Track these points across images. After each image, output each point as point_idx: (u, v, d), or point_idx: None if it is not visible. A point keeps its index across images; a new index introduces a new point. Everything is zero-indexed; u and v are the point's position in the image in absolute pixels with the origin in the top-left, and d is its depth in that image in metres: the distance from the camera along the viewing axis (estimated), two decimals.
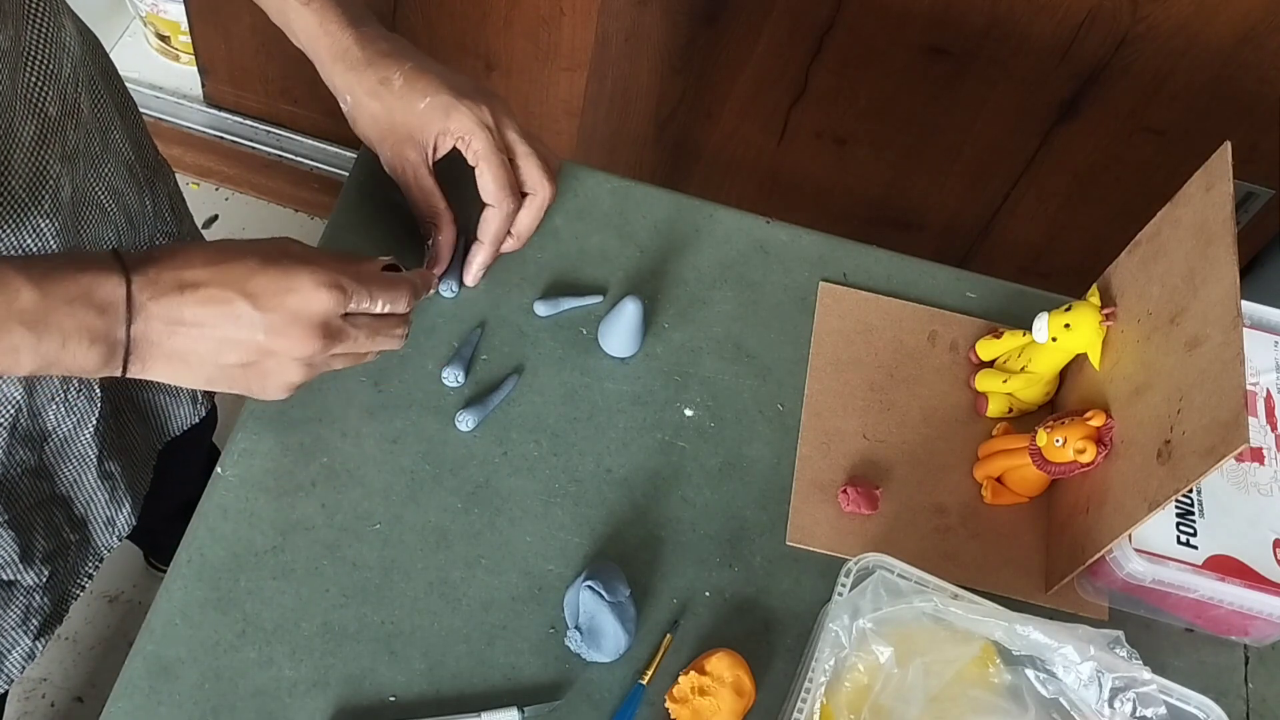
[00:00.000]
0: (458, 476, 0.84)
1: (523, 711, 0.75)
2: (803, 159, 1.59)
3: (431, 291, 0.81)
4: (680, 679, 0.76)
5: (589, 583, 0.77)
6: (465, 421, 0.85)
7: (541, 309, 0.90)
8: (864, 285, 0.98)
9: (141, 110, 0.96)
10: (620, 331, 0.89)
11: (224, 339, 0.68)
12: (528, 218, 0.87)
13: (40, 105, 0.73)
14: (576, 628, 0.78)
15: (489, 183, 0.83)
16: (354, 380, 0.86)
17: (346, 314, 0.72)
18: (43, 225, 0.74)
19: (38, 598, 0.89)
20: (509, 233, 0.87)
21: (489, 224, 0.85)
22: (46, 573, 0.88)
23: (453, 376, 0.87)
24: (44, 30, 0.74)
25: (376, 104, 0.83)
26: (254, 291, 0.67)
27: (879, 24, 1.38)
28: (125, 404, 0.93)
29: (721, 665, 0.76)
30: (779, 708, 0.78)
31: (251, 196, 1.98)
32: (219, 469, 0.82)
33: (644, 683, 0.78)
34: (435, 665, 0.77)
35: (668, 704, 0.76)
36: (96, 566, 0.95)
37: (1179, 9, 1.28)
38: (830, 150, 1.57)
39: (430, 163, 0.85)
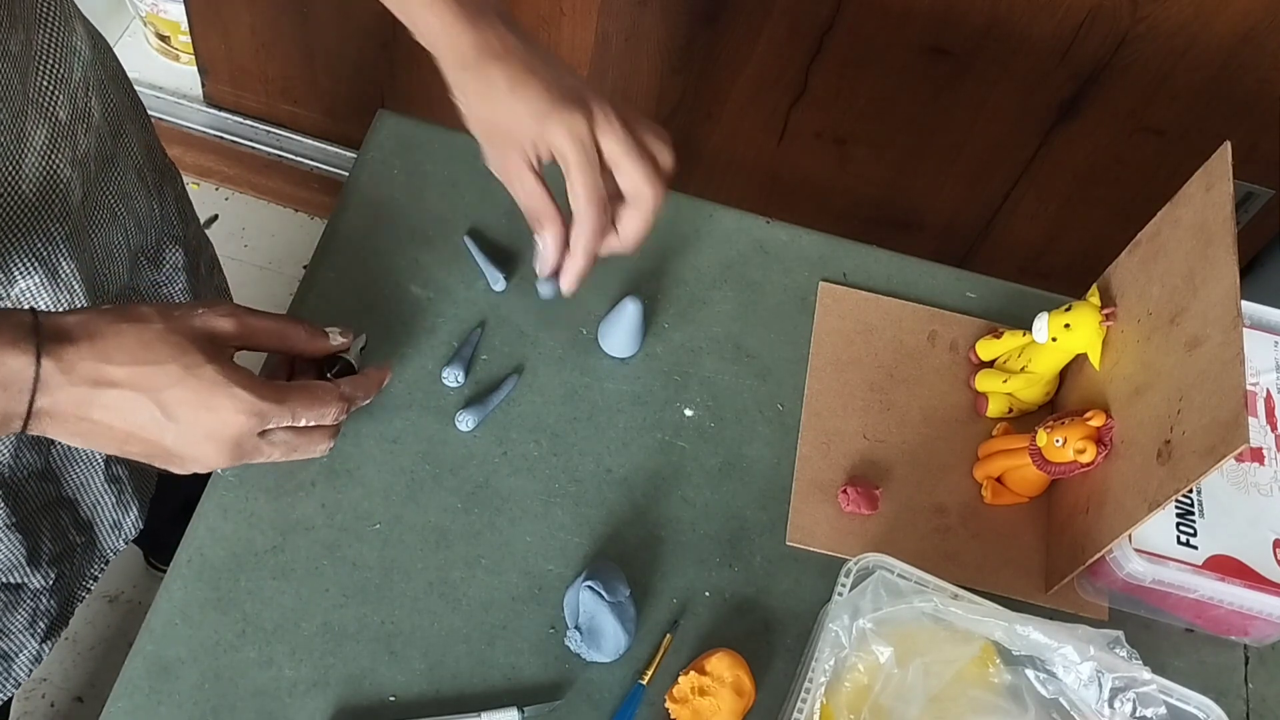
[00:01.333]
0: (457, 476, 0.84)
1: (523, 711, 0.75)
2: (803, 159, 1.59)
3: (368, 400, 0.77)
4: (680, 679, 0.76)
5: (589, 583, 0.77)
6: (465, 421, 0.85)
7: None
8: (864, 285, 0.98)
9: None
10: (620, 331, 0.89)
11: (130, 435, 0.66)
12: (632, 223, 0.82)
13: (51, 110, 0.73)
14: (576, 628, 0.78)
15: (574, 196, 0.80)
16: None
17: (264, 431, 0.70)
18: (53, 229, 0.74)
19: (44, 600, 0.89)
20: (618, 237, 0.83)
21: (577, 235, 0.81)
22: (53, 575, 0.88)
23: (453, 376, 0.87)
24: (55, 35, 0.73)
25: (484, 107, 0.80)
26: (168, 402, 0.66)
27: (879, 24, 1.38)
28: None
29: (721, 665, 0.76)
30: (779, 708, 0.78)
31: (251, 196, 1.98)
32: (219, 469, 0.82)
33: (644, 683, 0.78)
34: (435, 665, 0.77)
35: (668, 704, 0.76)
36: (102, 569, 0.95)
37: (1179, 9, 1.28)
38: (830, 150, 1.57)
39: (534, 166, 0.81)
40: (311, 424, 0.72)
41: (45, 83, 0.72)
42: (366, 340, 0.84)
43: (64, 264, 0.76)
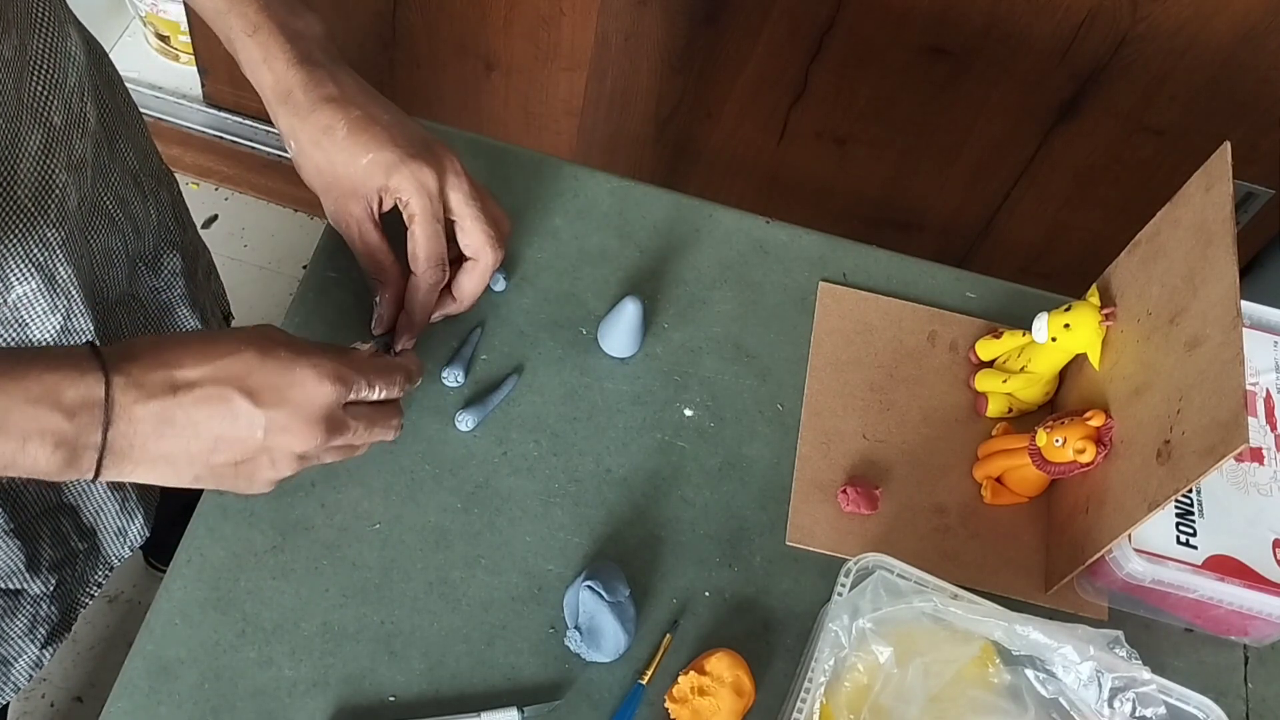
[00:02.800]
0: (457, 476, 0.84)
1: (522, 711, 0.75)
2: (803, 159, 1.59)
3: (417, 383, 0.78)
4: (680, 679, 0.76)
5: (588, 583, 0.77)
6: (465, 421, 0.85)
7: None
8: (864, 285, 0.98)
9: (141, 110, 0.96)
10: (620, 331, 0.89)
11: (219, 438, 0.64)
12: (470, 283, 0.84)
13: (46, 115, 0.72)
14: (576, 628, 0.78)
15: (416, 251, 0.80)
16: None
17: (346, 404, 0.70)
18: (49, 235, 0.73)
19: (45, 606, 0.88)
20: (453, 297, 0.85)
21: (413, 293, 0.82)
22: (54, 581, 0.87)
23: (453, 376, 0.87)
24: (49, 39, 0.73)
25: (319, 154, 0.79)
26: (254, 388, 0.64)
27: (879, 24, 1.38)
28: None
29: (721, 665, 0.76)
30: (779, 708, 0.78)
31: (251, 196, 1.98)
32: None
33: (644, 683, 0.78)
34: (435, 665, 0.77)
35: (667, 704, 0.76)
36: (106, 575, 0.95)
37: (1179, 9, 1.28)
38: (830, 150, 1.57)
39: (375, 217, 0.81)
40: (384, 395, 0.73)
41: (40, 88, 0.72)
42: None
43: (61, 269, 0.75)
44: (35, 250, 0.72)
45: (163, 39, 1.90)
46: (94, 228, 0.80)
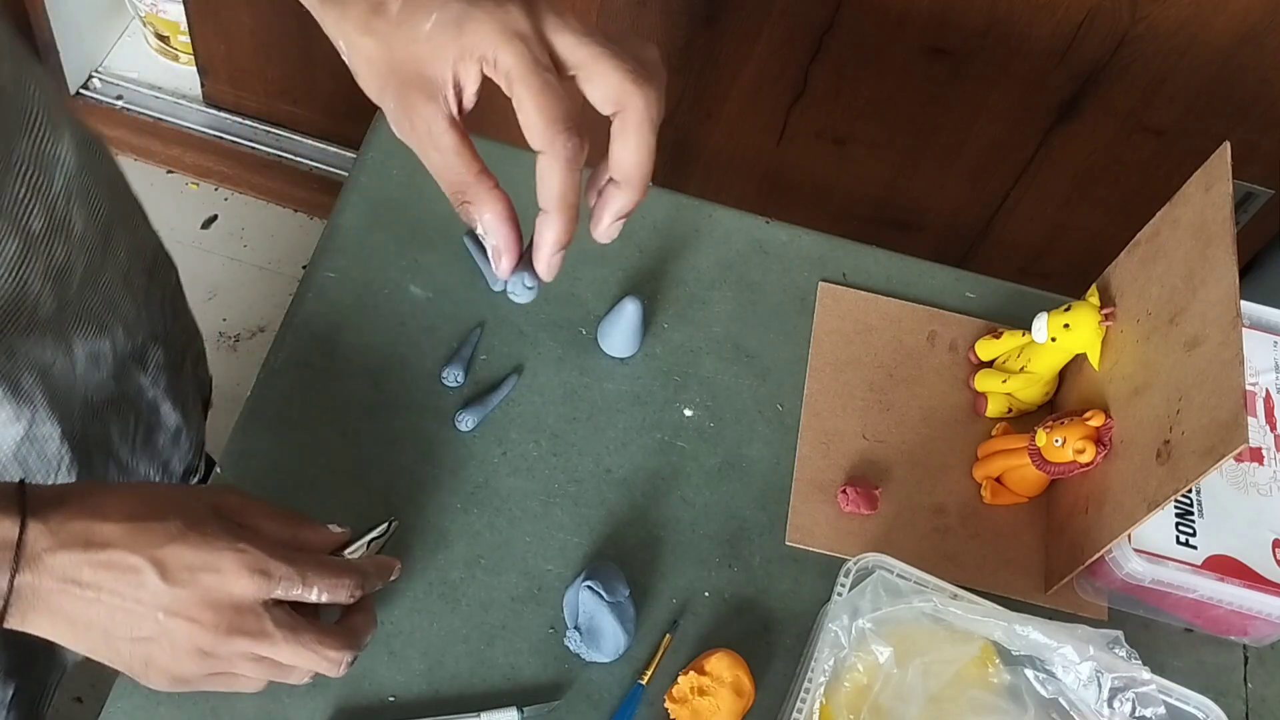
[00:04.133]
0: (457, 476, 0.84)
1: (522, 712, 0.75)
2: (802, 159, 1.59)
3: (393, 577, 0.70)
4: (680, 679, 0.76)
5: (588, 583, 0.77)
6: (465, 421, 0.85)
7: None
8: (863, 285, 0.98)
9: (141, 110, 0.95)
10: (620, 331, 0.89)
11: (118, 609, 0.59)
12: (627, 149, 0.59)
13: (25, 221, 0.67)
14: (576, 628, 0.78)
15: (531, 116, 0.56)
16: (354, 380, 0.86)
17: (274, 603, 0.62)
18: (15, 344, 0.69)
19: (3, 716, 0.84)
20: (611, 179, 0.62)
21: (545, 181, 0.59)
22: (11, 688, 0.83)
23: (453, 376, 0.87)
24: (38, 143, 0.68)
25: (371, 41, 0.57)
26: (165, 560, 0.59)
27: (879, 24, 1.38)
28: None
29: (721, 665, 0.76)
30: (778, 708, 0.78)
31: (251, 197, 1.98)
32: (219, 469, 0.82)
33: (643, 683, 0.78)
34: (434, 665, 0.77)
35: (667, 704, 0.76)
36: (63, 674, 0.90)
37: (1179, 9, 1.28)
38: (830, 150, 1.57)
39: (455, 112, 0.58)
40: (324, 598, 0.64)
41: (21, 192, 0.66)
42: (395, 526, 0.77)
43: (25, 377, 0.71)
44: (1, 358, 0.68)
45: (162, 39, 1.90)
46: (79, 333, 0.75)
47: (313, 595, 0.63)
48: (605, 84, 0.57)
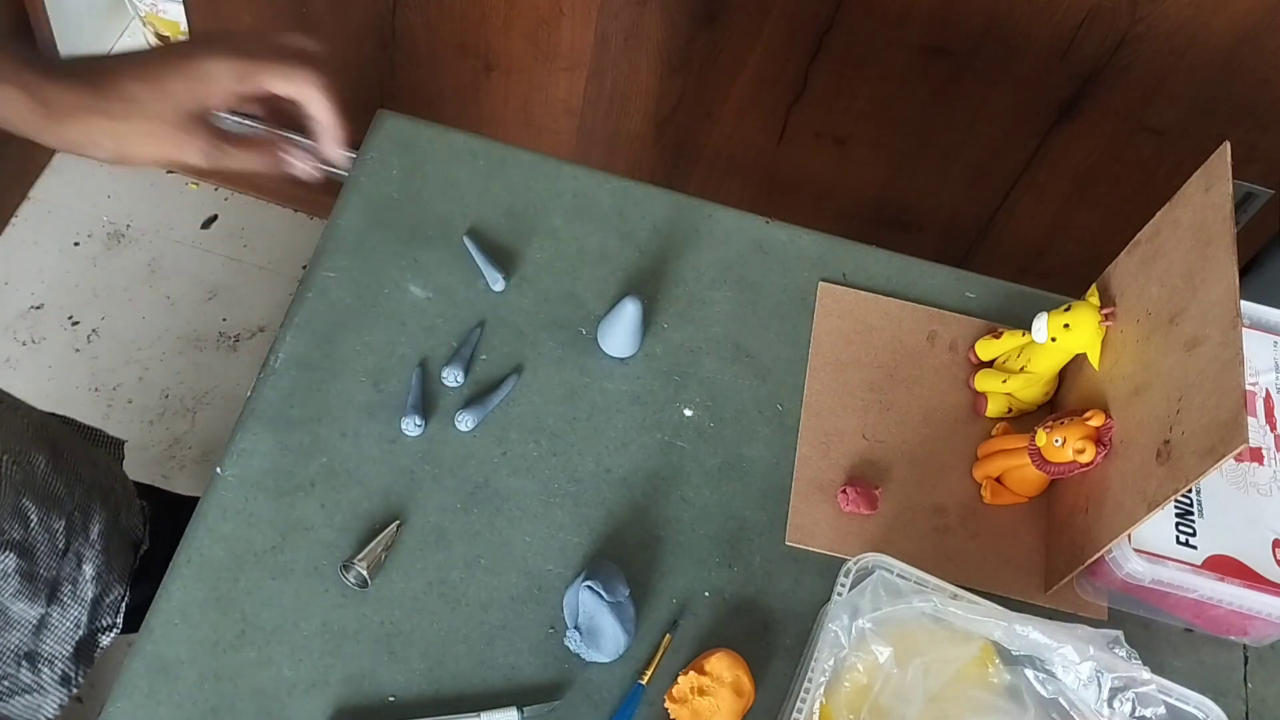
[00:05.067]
0: (457, 476, 0.84)
1: (522, 711, 0.75)
2: (802, 159, 1.59)
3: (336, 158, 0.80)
4: (680, 679, 0.76)
5: (588, 583, 0.77)
6: (465, 421, 0.85)
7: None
8: (863, 285, 0.98)
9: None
10: (620, 332, 0.89)
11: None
12: (326, 114, 0.82)
13: None
14: (576, 628, 0.78)
15: (289, 78, 0.80)
16: (354, 380, 0.86)
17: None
18: None
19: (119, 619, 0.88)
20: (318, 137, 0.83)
21: (320, 106, 0.82)
22: (125, 595, 0.87)
23: (452, 376, 0.87)
24: None
25: (139, 122, 0.76)
26: (148, 70, 0.73)
27: (878, 24, 1.38)
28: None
29: (721, 665, 0.76)
30: (778, 708, 0.78)
31: (251, 196, 1.98)
32: (219, 469, 0.82)
33: (643, 682, 0.78)
34: (435, 665, 0.77)
35: (667, 704, 0.76)
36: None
37: (1178, 9, 1.28)
38: (830, 150, 1.57)
39: (219, 129, 0.79)
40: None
41: None
42: (399, 526, 0.80)
43: None
44: None
45: (162, 39, 1.90)
46: None
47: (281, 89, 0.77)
48: (287, 85, 0.80)
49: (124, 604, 0.98)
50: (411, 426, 0.85)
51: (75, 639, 0.94)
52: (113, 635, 0.98)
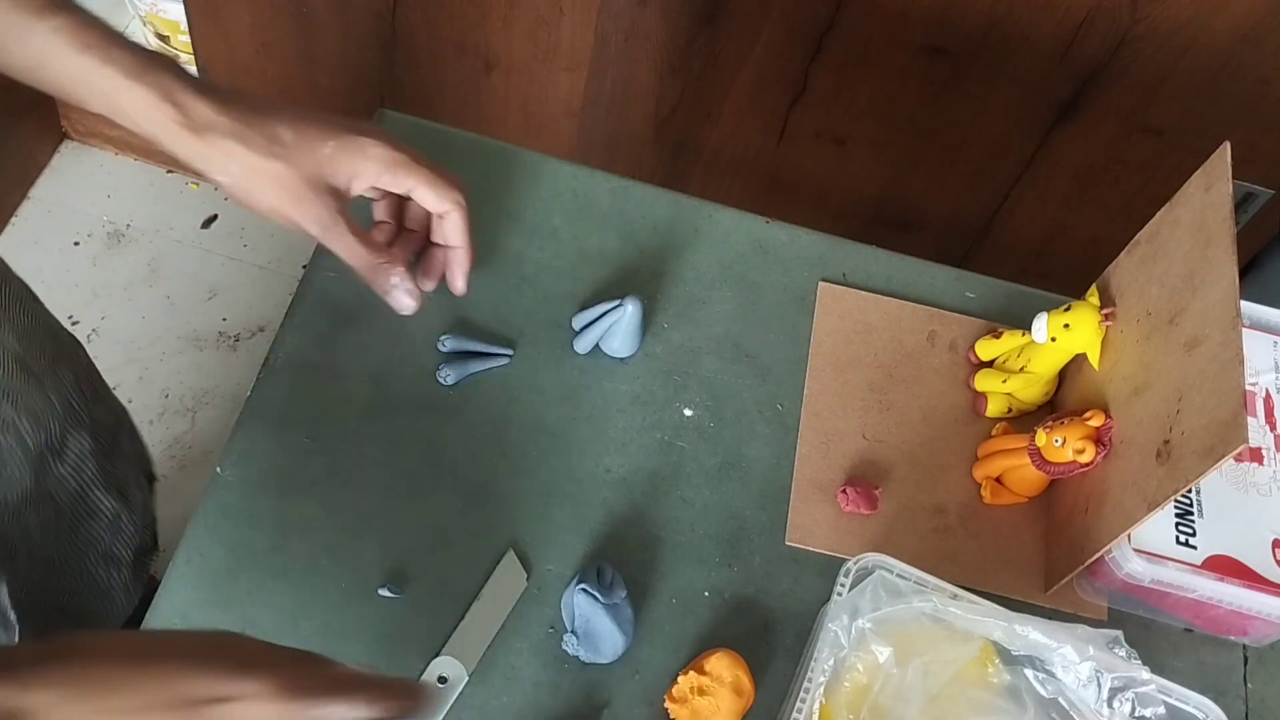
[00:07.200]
0: (457, 476, 0.84)
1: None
2: (802, 159, 1.59)
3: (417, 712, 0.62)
4: (679, 679, 0.76)
5: (582, 585, 0.77)
6: (447, 376, 0.86)
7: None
8: (863, 285, 0.98)
9: None
10: (620, 331, 0.89)
11: None
12: (458, 232, 0.83)
13: None
14: (572, 631, 0.78)
15: (429, 196, 0.80)
16: (354, 380, 0.86)
17: None
18: None
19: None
20: (452, 249, 0.84)
21: (453, 229, 0.82)
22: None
23: (446, 376, 0.87)
24: None
25: (276, 164, 0.75)
26: (182, 693, 0.53)
27: (879, 24, 1.38)
28: (52, 618, 0.84)
29: (721, 665, 0.76)
30: (778, 708, 0.78)
31: None
32: (218, 469, 0.82)
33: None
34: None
35: (667, 704, 0.76)
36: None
37: (1179, 9, 1.28)
38: (830, 150, 1.57)
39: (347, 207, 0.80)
40: (361, 714, 0.57)
41: None
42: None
43: None
44: None
45: (162, 39, 1.90)
46: None
47: (361, 713, 0.57)
48: (435, 197, 0.81)
49: (156, 542, 0.96)
50: (446, 378, 0.87)
51: (135, 546, 0.91)
52: (155, 558, 0.94)
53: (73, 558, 0.83)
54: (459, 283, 0.85)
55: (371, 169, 0.78)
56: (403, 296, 0.82)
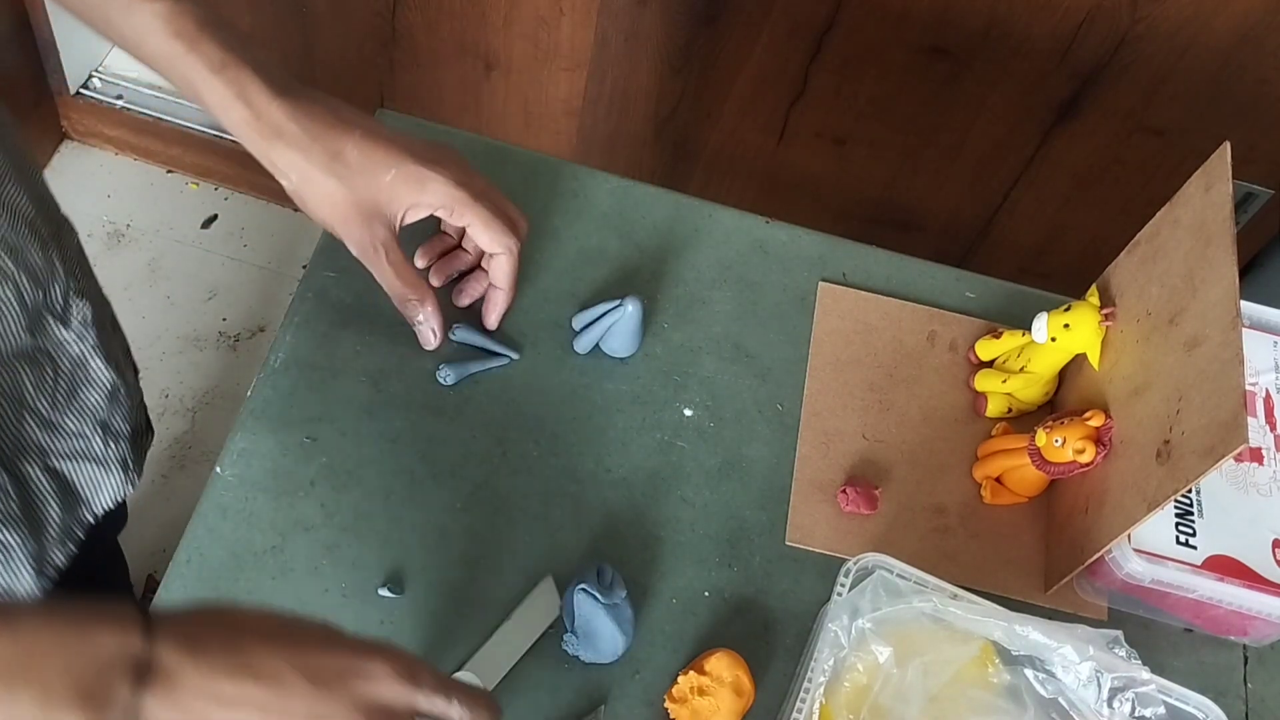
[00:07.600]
0: (457, 476, 0.84)
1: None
2: (802, 159, 1.59)
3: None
4: (679, 679, 0.76)
5: (582, 585, 0.77)
6: (446, 376, 0.86)
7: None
8: (863, 285, 0.98)
9: (141, 110, 0.94)
10: (620, 332, 0.89)
11: (266, 718, 0.56)
12: (506, 274, 0.85)
13: None
14: (572, 631, 0.78)
15: (484, 235, 0.81)
16: (354, 380, 0.86)
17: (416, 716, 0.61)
18: None
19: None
20: (493, 286, 0.87)
21: (500, 269, 0.84)
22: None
23: (450, 376, 0.87)
24: None
25: (332, 182, 0.75)
26: (313, 666, 0.57)
27: (878, 24, 1.38)
28: (38, 475, 0.82)
29: (721, 665, 0.76)
30: (778, 708, 0.78)
31: (251, 196, 1.98)
32: (218, 469, 0.82)
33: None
34: (433, 665, 0.77)
35: (667, 704, 0.76)
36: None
37: (1179, 9, 1.28)
38: (830, 150, 1.57)
39: (398, 235, 0.80)
40: (463, 718, 0.62)
41: None
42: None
43: None
44: None
45: None
46: None
47: (454, 713, 0.61)
48: (488, 239, 0.82)
49: (150, 426, 0.98)
50: (446, 378, 0.87)
51: (133, 422, 0.90)
52: (151, 441, 0.96)
53: (70, 420, 0.83)
54: (491, 318, 0.88)
55: (428, 202, 0.79)
56: (425, 332, 0.85)
